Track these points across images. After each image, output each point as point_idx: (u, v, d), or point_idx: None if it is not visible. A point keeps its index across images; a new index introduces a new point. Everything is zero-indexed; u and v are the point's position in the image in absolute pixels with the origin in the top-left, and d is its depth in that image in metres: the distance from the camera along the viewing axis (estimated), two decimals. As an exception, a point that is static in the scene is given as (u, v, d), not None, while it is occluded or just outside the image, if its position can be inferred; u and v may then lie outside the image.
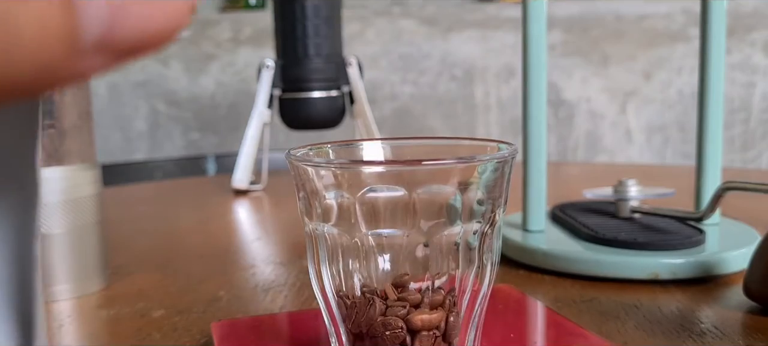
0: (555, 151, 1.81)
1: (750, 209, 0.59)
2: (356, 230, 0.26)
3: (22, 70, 0.10)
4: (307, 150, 0.29)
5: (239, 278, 0.48)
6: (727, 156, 1.69)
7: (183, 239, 0.62)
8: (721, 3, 0.49)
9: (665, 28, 1.76)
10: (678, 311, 0.38)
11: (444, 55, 1.83)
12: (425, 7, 1.82)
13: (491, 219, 0.27)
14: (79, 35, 0.10)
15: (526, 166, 0.50)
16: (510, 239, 0.48)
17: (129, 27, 0.11)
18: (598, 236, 0.46)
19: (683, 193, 0.55)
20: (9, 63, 0.10)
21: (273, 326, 0.36)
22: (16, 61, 0.10)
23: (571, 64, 1.80)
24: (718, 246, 0.45)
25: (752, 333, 0.35)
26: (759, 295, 0.38)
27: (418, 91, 1.84)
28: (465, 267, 0.27)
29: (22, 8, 0.10)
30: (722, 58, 0.49)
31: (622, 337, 0.35)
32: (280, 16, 0.87)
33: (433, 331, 0.26)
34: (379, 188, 0.25)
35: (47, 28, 0.10)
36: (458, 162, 0.26)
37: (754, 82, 1.73)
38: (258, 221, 0.72)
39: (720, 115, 0.50)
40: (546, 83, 0.49)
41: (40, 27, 0.10)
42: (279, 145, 0.95)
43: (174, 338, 0.37)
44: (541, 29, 0.48)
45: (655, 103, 1.78)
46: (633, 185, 0.50)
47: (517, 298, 0.38)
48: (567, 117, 1.81)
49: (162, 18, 0.11)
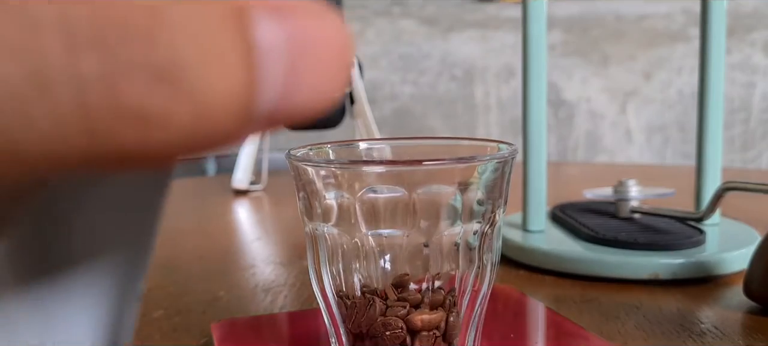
0: (555, 151, 1.81)
1: (750, 209, 0.59)
2: (356, 230, 0.26)
3: (196, 143, 0.09)
4: (307, 150, 0.29)
5: (239, 278, 0.48)
6: (727, 156, 1.69)
7: (183, 239, 0.62)
8: (721, 3, 0.49)
9: (665, 28, 1.76)
10: (678, 311, 0.38)
11: (444, 55, 1.83)
12: (425, 7, 1.82)
13: (491, 219, 0.27)
14: (254, 109, 0.10)
15: (526, 167, 0.50)
16: (510, 239, 0.48)
17: (298, 100, 0.10)
18: (598, 236, 0.46)
19: (683, 193, 0.55)
20: (194, 129, 0.09)
21: (273, 326, 0.36)
22: (198, 134, 0.09)
23: (571, 64, 1.80)
24: (718, 246, 0.45)
25: (752, 333, 0.35)
26: (759, 295, 0.38)
27: (418, 91, 1.84)
28: (465, 267, 0.27)
29: (212, 84, 0.09)
30: (722, 58, 0.49)
31: (622, 337, 0.35)
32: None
33: (433, 331, 0.26)
34: (379, 188, 0.25)
35: (228, 104, 0.09)
36: (458, 162, 0.26)
37: (754, 82, 1.73)
38: (258, 221, 0.72)
39: (720, 115, 0.50)
40: (546, 83, 0.49)
41: (224, 97, 0.09)
42: (279, 145, 0.95)
43: (174, 338, 0.37)
44: (541, 29, 0.48)
45: (655, 104, 1.78)
46: (633, 185, 0.50)
47: (517, 298, 0.38)
48: (567, 117, 1.81)
49: (327, 89, 0.11)
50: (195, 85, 0.09)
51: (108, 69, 0.09)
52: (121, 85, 0.09)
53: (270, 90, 0.10)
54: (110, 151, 0.09)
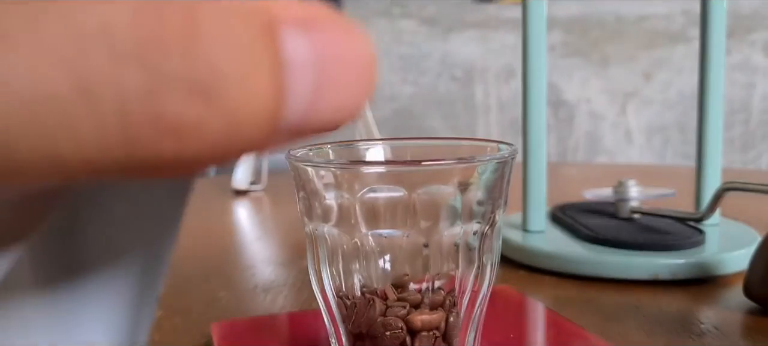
0: (555, 151, 1.81)
1: (750, 209, 0.59)
2: (356, 230, 0.26)
3: (229, 151, 0.10)
4: (307, 150, 0.29)
5: (239, 278, 0.48)
6: (727, 157, 1.69)
7: (183, 239, 0.62)
8: (721, 3, 0.49)
9: (665, 28, 1.76)
10: (678, 311, 0.38)
11: (444, 55, 1.83)
12: (425, 7, 1.82)
13: (491, 220, 0.27)
14: (280, 120, 0.10)
15: (526, 167, 0.50)
16: (510, 240, 0.48)
17: (323, 113, 0.10)
18: (598, 237, 0.46)
19: (683, 193, 0.55)
20: (225, 141, 0.10)
21: (273, 326, 0.36)
22: (231, 143, 0.10)
23: (571, 64, 1.80)
24: (718, 247, 0.45)
25: (752, 334, 0.35)
26: (759, 295, 0.38)
27: (418, 92, 1.85)
28: (465, 268, 0.27)
29: (242, 93, 0.09)
30: (722, 59, 0.49)
31: (622, 337, 0.35)
32: (280, 16, 0.86)
33: (433, 331, 0.26)
34: (379, 189, 0.25)
35: (260, 111, 0.10)
36: (458, 163, 0.26)
37: (754, 83, 1.74)
38: (258, 221, 0.72)
39: (720, 115, 0.50)
40: (546, 84, 0.49)
41: (254, 110, 0.10)
42: (279, 145, 0.95)
43: (174, 338, 0.37)
44: (541, 30, 0.48)
45: (655, 104, 1.78)
46: (633, 186, 0.50)
47: (517, 298, 0.38)
48: (567, 118, 1.81)
49: (351, 103, 0.11)
50: (228, 98, 0.09)
51: (149, 82, 0.09)
52: (160, 97, 0.09)
53: (297, 103, 0.10)
54: (146, 160, 0.09)
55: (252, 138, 0.10)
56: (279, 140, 0.10)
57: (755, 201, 0.55)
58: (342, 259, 0.27)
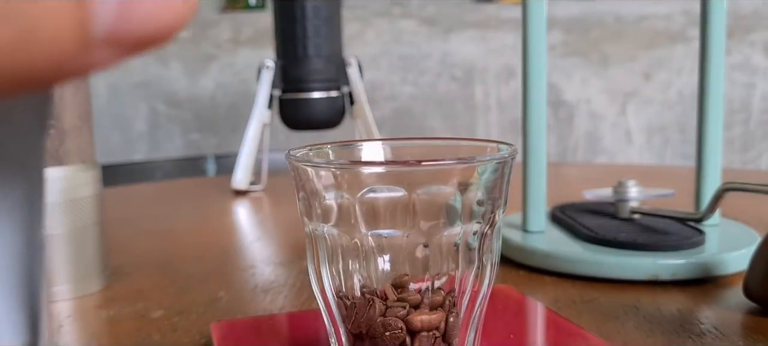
0: (555, 151, 1.81)
1: (750, 209, 0.59)
2: (356, 230, 0.26)
3: (35, 64, 0.10)
4: (306, 151, 0.29)
5: (239, 278, 0.48)
6: (727, 157, 1.69)
7: (183, 240, 0.62)
8: (721, 3, 0.49)
9: (665, 28, 1.76)
10: (678, 311, 0.38)
11: (444, 55, 1.83)
12: (425, 7, 1.82)
13: (491, 220, 0.27)
14: (90, 29, 0.11)
15: (526, 167, 0.50)
16: (510, 240, 0.48)
17: (136, 21, 0.11)
18: (598, 237, 0.46)
19: (683, 194, 0.55)
20: (24, 56, 0.10)
21: (273, 326, 0.36)
22: (30, 54, 0.10)
23: (570, 64, 1.80)
24: (718, 247, 0.45)
25: (752, 334, 0.35)
26: (759, 296, 0.38)
27: (418, 92, 1.85)
28: (465, 268, 0.27)
29: (37, 3, 0.10)
30: (722, 59, 0.49)
31: (622, 337, 0.35)
32: (279, 16, 0.87)
33: (432, 331, 0.26)
34: (379, 189, 0.25)
35: (60, 22, 0.10)
36: (458, 163, 0.26)
37: (753, 83, 1.74)
38: (258, 221, 0.72)
39: (720, 115, 0.50)
40: (546, 84, 0.49)
41: (54, 21, 0.10)
42: (279, 145, 0.95)
43: (174, 338, 0.37)
44: (541, 30, 0.48)
45: (655, 104, 1.78)
46: (633, 186, 0.50)
47: (517, 299, 0.38)
48: (567, 118, 1.81)
49: (166, 13, 0.12)
50: (19, 7, 0.10)
51: None
52: None
53: (103, 12, 0.11)
54: None
55: (62, 48, 0.10)
56: (99, 57, 0.11)
57: (755, 201, 0.55)
58: (342, 259, 0.27)
